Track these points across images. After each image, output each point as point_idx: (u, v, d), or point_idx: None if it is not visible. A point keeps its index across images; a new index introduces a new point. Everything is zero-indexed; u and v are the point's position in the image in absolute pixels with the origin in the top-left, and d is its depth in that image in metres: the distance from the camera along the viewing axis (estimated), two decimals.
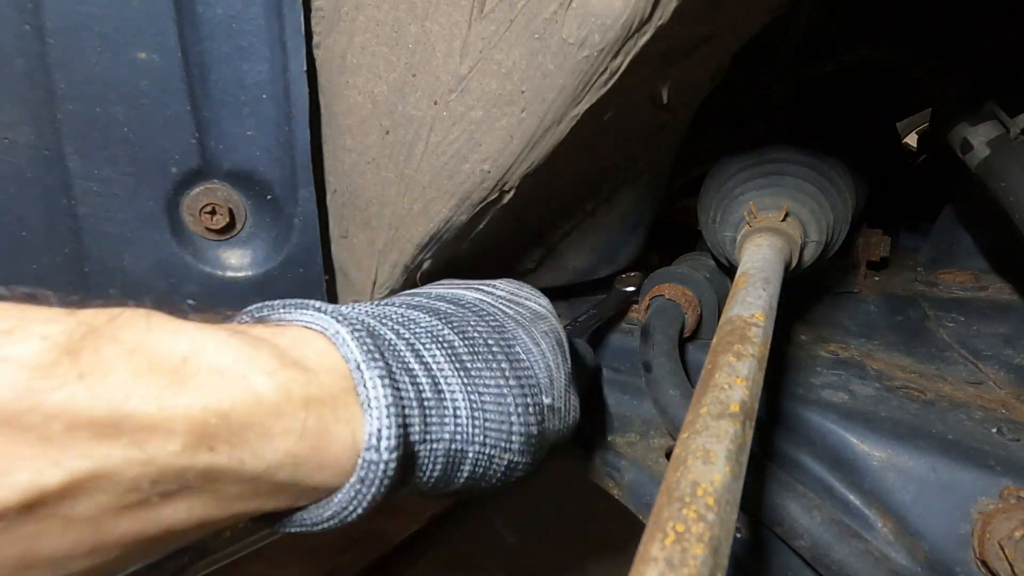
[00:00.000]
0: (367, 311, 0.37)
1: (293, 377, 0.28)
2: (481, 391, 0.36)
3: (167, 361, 0.25)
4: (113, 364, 0.23)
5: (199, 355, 0.26)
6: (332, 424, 0.29)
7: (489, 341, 0.39)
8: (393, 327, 0.36)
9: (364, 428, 0.29)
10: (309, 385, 0.28)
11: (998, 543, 0.42)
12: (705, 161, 0.69)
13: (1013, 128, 0.55)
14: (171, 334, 0.26)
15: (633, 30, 0.41)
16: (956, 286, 0.74)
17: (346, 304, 0.40)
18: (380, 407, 0.29)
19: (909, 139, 1.37)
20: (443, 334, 0.37)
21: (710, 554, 0.22)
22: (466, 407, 0.35)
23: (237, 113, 0.51)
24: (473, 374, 0.36)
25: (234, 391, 0.26)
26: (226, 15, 0.48)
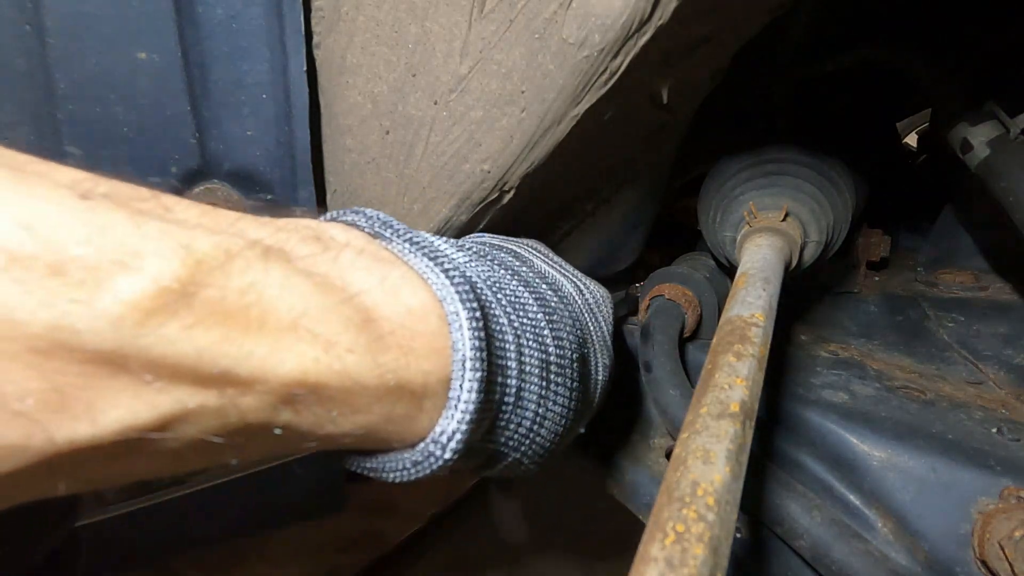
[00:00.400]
0: (479, 270, 0.34)
1: (394, 360, 0.27)
2: (549, 407, 0.35)
3: (277, 320, 0.24)
4: (223, 315, 0.22)
5: (308, 318, 0.24)
6: (416, 413, 0.29)
7: (573, 356, 0.37)
8: (506, 308, 0.33)
9: (440, 422, 0.29)
10: (407, 371, 0.27)
11: (998, 543, 0.42)
12: (705, 161, 0.69)
13: (1013, 128, 0.55)
14: (288, 288, 0.24)
15: (633, 30, 0.41)
16: (956, 286, 0.74)
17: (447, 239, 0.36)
18: (466, 412, 0.28)
19: (909, 139, 1.37)
20: (543, 335, 0.35)
21: (710, 554, 0.22)
22: (530, 419, 0.34)
23: (237, 113, 0.51)
24: (551, 388, 0.35)
25: (335, 366, 0.25)
26: (226, 15, 0.48)
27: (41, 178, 0.22)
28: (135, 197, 0.24)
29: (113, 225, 0.21)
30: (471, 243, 0.41)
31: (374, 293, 0.27)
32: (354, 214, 0.33)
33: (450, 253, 0.34)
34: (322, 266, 0.27)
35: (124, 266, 0.21)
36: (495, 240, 0.46)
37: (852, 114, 0.83)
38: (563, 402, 0.36)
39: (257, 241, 0.25)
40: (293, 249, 0.26)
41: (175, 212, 0.24)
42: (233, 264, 0.23)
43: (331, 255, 0.27)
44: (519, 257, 0.42)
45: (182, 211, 0.25)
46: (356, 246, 0.29)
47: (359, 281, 0.27)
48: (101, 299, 0.20)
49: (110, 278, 0.20)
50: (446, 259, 0.31)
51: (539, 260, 0.44)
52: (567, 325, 0.37)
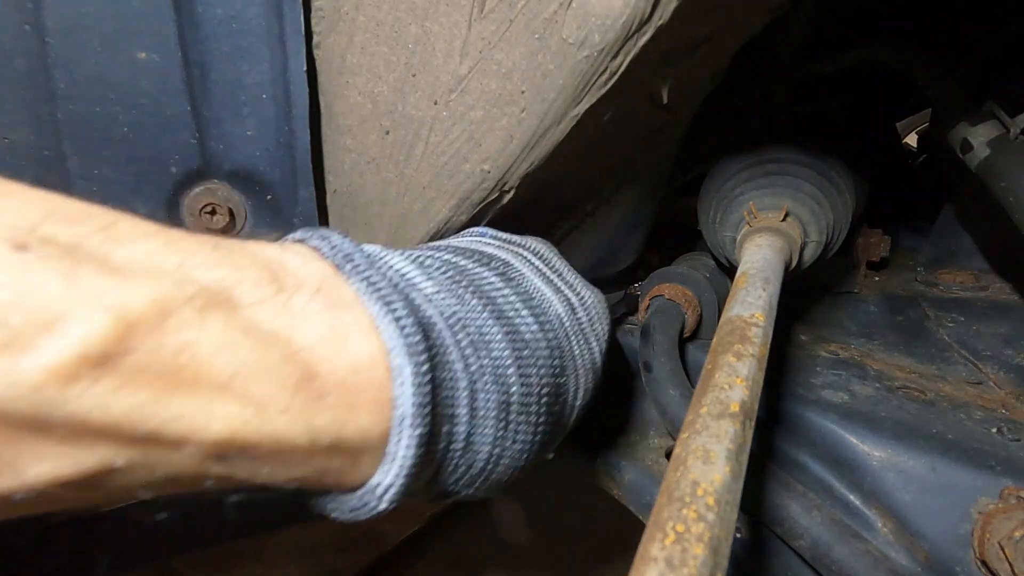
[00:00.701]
0: (445, 303, 0.32)
1: (331, 420, 0.26)
2: (507, 446, 0.34)
3: (208, 380, 0.23)
4: (151, 376, 0.22)
5: (241, 378, 0.24)
6: (352, 468, 0.28)
7: (542, 391, 0.35)
8: (465, 349, 0.31)
9: (377, 475, 0.29)
10: (345, 429, 0.27)
11: (998, 543, 0.42)
12: (705, 161, 0.69)
13: (1013, 128, 0.55)
14: (224, 346, 0.24)
15: (633, 30, 0.41)
16: (956, 286, 0.74)
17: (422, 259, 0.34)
18: (403, 467, 0.28)
19: (909, 139, 1.37)
20: (506, 375, 0.33)
21: (710, 554, 0.22)
22: (484, 460, 0.33)
23: (237, 113, 0.51)
24: (510, 428, 0.34)
25: (265, 428, 0.24)
26: (226, 15, 0.48)
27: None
28: (81, 235, 0.23)
29: (43, 284, 0.21)
30: (456, 246, 0.39)
31: (320, 346, 0.27)
32: (320, 239, 0.31)
33: (417, 280, 0.33)
34: (269, 313, 0.26)
35: (50, 329, 0.20)
36: (491, 245, 0.43)
37: (852, 114, 0.83)
38: (525, 439, 0.35)
39: (203, 289, 0.24)
40: (243, 294, 0.26)
41: (124, 250, 0.24)
42: (168, 322, 0.23)
43: (283, 299, 0.27)
44: (507, 273, 0.39)
45: (131, 248, 0.24)
46: (312, 284, 0.28)
47: (306, 333, 0.26)
48: (24, 364, 0.20)
49: (34, 342, 0.20)
50: (402, 302, 0.29)
51: (532, 273, 0.42)
52: (541, 358, 0.36)
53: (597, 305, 0.45)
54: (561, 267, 0.45)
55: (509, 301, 0.36)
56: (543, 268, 0.43)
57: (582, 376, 0.41)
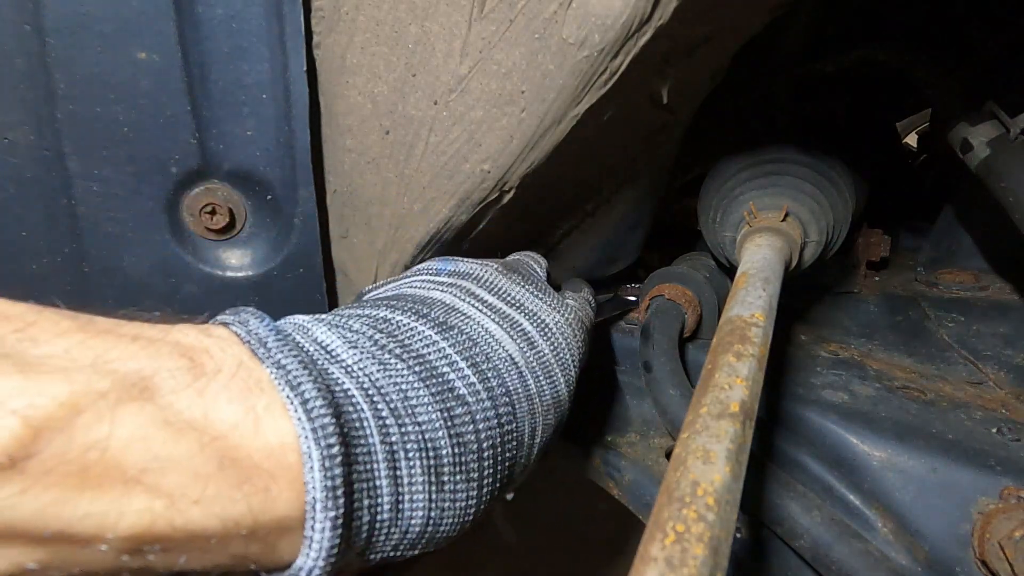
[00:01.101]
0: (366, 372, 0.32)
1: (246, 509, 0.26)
2: (447, 507, 0.33)
3: (119, 475, 0.23)
4: (59, 476, 0.22)
5: (152, 472, 0.24)
6: (272, 551, 0.28)
7: (483, 447, 0.35)
8: (386, 420, 0.31)
9: (298, 560, 0.29)
10: (261, 516, 0.27)
11: (998, 543, 0.42)
12: (705, 161, 0.69)
13: (1013, 128, 0.55)
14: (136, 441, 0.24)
15: (633, 30, 0.41)
16: (956, 286, 0.74)
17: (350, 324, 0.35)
18: (321, 550, 0.28)
19: (909, 139, 1.37)
20: (435, 439, 0.33)
21: (710, 554, 0.22)
22: (420, 524, 0.33)
23: (237, 113, 0.51)
24: (447, 490, 0.33)
25: (177, 521, 0.24)
26: (226, 15, 0.48)
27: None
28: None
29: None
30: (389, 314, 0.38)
31: (236, 432, 0.27)
32: (239, 324, 0.31)
33: (338, 350, 0.33)
34: (186, 402, 0.26)
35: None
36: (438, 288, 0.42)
37: (852, 114, 0.83)
38: (468, 495, 0.34)
39: (118, 382, 0.24)
40: (161, 383, 0.26)
41: (39, 347, 0.24)
42: (79, 420, 0.23)
43: (199, 386, 0.27)
44: (447, 321, 0.38)
45: (47, 347, 0.24)
46: (229, 368, 0.28)
47: (222, 420, 0.27)
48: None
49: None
50: (312, 383, 0.29)
51: (482, 313, 0.40)
52: (481, 411, 0.35)
53: (565, 330, 0.43)
54: (519, 295, 0.43)
55: (445, 356, 0.36)
56: (496, 303, 0.42)
57: (541, 415, 0.40)
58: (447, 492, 0.33)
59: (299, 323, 0.35)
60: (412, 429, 0.32)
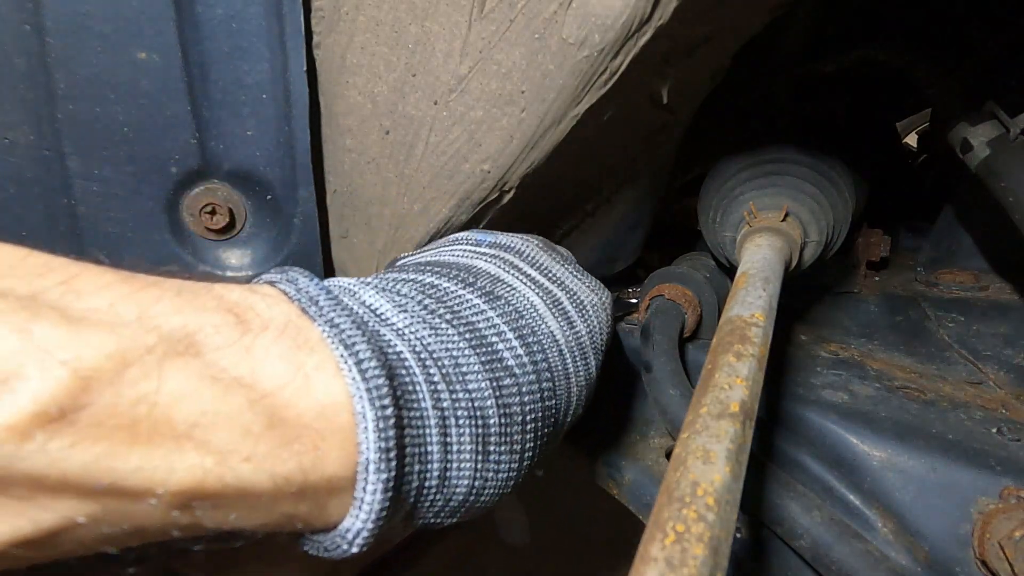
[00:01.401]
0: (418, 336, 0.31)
1: (296, 467, 0.26)
2: (489, 477, 0.33)
3: (169, 431, 0.23)
4: (109, 429, 0.22)
5: (202, 428, 0.24)
6: (321, 511, 0.28)
7: (527, 419, 0.34)
8: (437, 386, 0.31)
9: (346, 521, 0.28)
10: (310, 475, 0.26)
11: (998, 543, 0.42)
12: (705, 161, 0.69)
13: (1013, 128, 0.55)
14: (185, 396, 0.23)
15: (633, 30, 0.41)
16: (956, 286, 0.74)
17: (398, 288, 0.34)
18: (371, 512, 0.28)
19: (909, 139, 1.37)
20: (484, 407, 0.32)
21: (710, 554, 0.22)
22: (463, 494, 0.32)
23: (237, 113, 0.51)
24: (491, 459, 0.33)
25: (227, 477, 0.24)
26: (226, 15, 0.48)
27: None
28: (40, 288, 0.23)
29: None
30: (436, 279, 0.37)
31: (285, 390, 0.26)
32: (287, 283, 0.31)
33: (389, 314, 0.32)
34: (233, 359, 0.26)
35: (4, 386, 0.20)
36: (482, 257, 0.41)
37: (852, 114, 0.83)
38: (509, 467, 0.34)
39: (164, 338, 0.24)
40: (206, 339, 0.25)
41: (83, 301, 0.24)
42: (127, 373, 0.22)
43: (246, 342, 0.26)
44: (494, 291, 0.37)
45: (91, 300, 0.24)
46: (277, 326, 0.28)
47: (271, 377, 0.26)
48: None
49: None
50: (366, 344, 0.28)
51: (526, 286, 0.40)
52: (527, 384, 0.35)
53: (599, 312, 0.43)
54: (560, 272, 0.43)
55: (493, 325, 0.35)
56: (539, 277, 0.41)
57: (575, 393, 0.39)
58: (491, 462, 0.33)
59: (345, 286, 0.34)
60: (463, 396, 0.32)
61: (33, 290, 0.23)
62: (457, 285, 0.37)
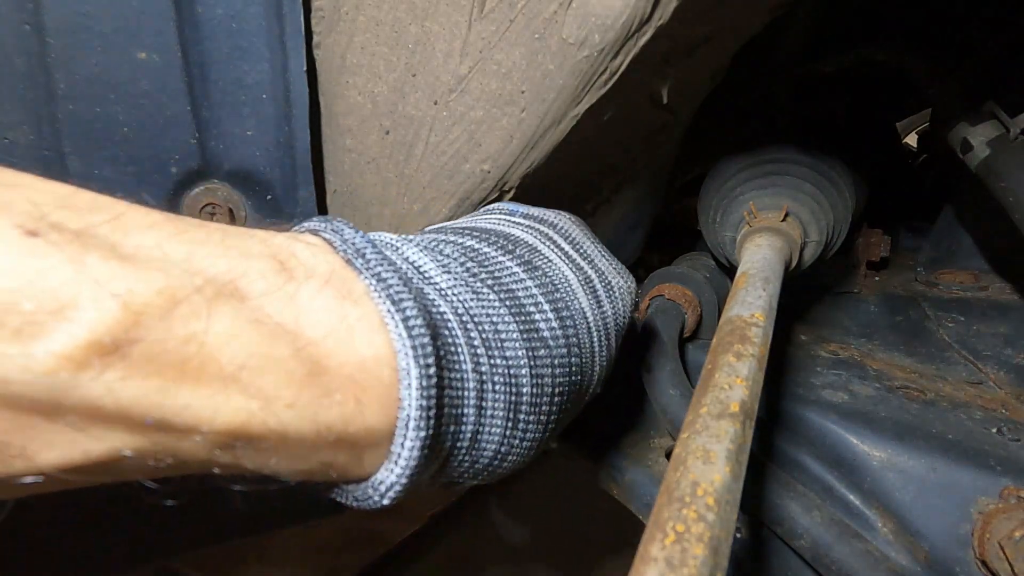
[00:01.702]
0: (460, 299, 0.32)
1: (337, 416, 0.26)
2: (515, 444, 0.33)
3: (216, 371, 0.23)
4: (159, 366, 0.22)
5: (248, 370, 0.24)
6: (358, 462, 0.28)
7: (555, 391, 0.35)
8: (477, 349, 0.31)
9: (380, 473, 0.29)
10: (351, 425, 0.27)
11: (998, 543, 0.42)
12: (705, 161, 0.69)
13: (1013, 128, 0.55)
14: (232, 338, 0.24)
15: (633, 30, 0.41)
16: (956, 286, 0.74)
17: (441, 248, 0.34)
18: (406, 468, 0.28)
19: (909, 139, 1.37)
20: (519, 375, 0.32)
21: (710, 554, 0.22)
22: (489, 456, 0.33)
23: (237, 113, 0.51)
24: (519, 427, 0.33)
25: (270, 421, 0.25)
26: (226, 15, 0.48)
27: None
28: (90, 223, 0.23)
29: (53, 269, 0.21)
30: (476, 243, 0.37)
31: (328, 340, 0.26)
32: (332, 232, 0.30)
33: (433, 273, 0.32)
34: (277, 305, 0.26)
35: (59, 315, 0.21)
36: (519, 227, 0.41)
37: (852, 114, 0.83)
38: (534, 436, 0.34)
39: (211, 280, 0.24)
40: (250, 285, 0.25)
41: (131, 237, 0.24)
42: (176, 311, 0.23)
43: (290, 290, 0.26)
44: (532, 261, 0.38)
45: (140, 237, 0.24)
46: (322, 275, 0.28)
47: (314, 326, 0.26)
48: (34, 350, 0.20)
49: (44, 328, 0.20)
50: (412, 300, 0.28)
51: (561, 260, 0.40)
52: (559, 357, 0.35)
53: (625, 295, 0.43)
54: (591, 251, 0.43)
55: (531, 295, 0.35)
56: (572, 253, 0.41)
57: (597, 372, 0.40)
58: (519, 430, 0.33)
59: (389, 241, 0.33)
60: (500, 362, 0.32)
61: (84, 225, 0.23)
62: (497, 251, 0.37)
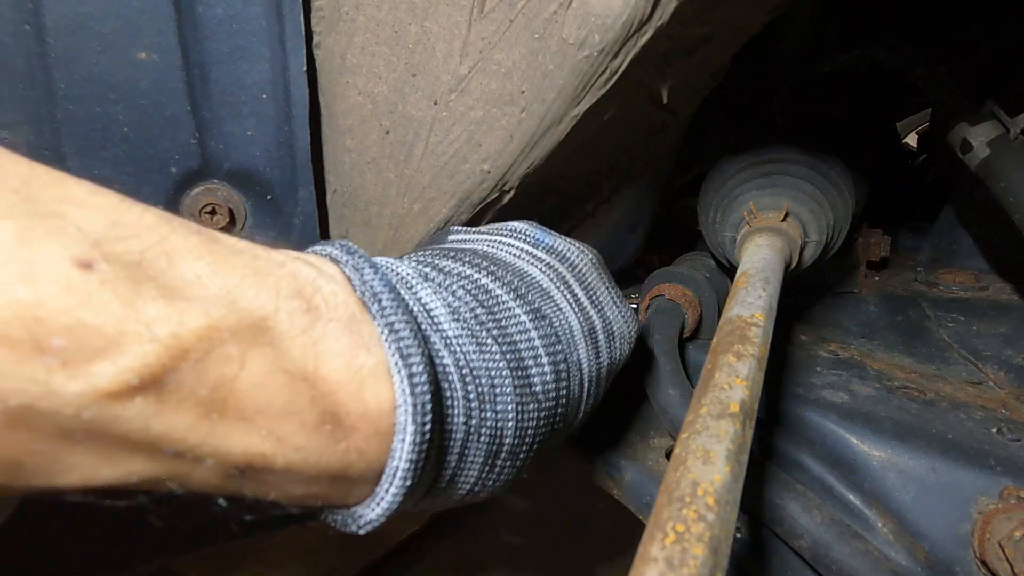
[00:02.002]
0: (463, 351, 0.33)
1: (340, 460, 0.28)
2: (488, 483, 0.35)
3: (238, 411, 0.25)
4: (189, 403, 0.24)
5: (267, 416, 0.26)
6: (348, 493, 0.30)
7: (535, 441, 0.36)
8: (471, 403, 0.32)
9: (360, 508, 0.31)
10: (350, 468, 0.29)
11: (998, 543, 0.42)
12: (705, 161, 0.69)
13: (1013, 128, 0.55)
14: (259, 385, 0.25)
15: (633, 30, 0.41)
16: (956, 286, 0.74)
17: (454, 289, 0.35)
18: (387, 509, 0.30)
19: (909, 139, 1.37)
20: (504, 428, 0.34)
21: (710, 554, 0.22)
22: (464, 493, 0.35)
23: (237, 113, 0.51)
24: (495, 471, 0.35)
25: (279, 460, 0.26)
26: (226, 15, 0.48)
27: (50, 236, 0.22)
28: (139, 251, 0.24)
29: (104, 306, 0.22)
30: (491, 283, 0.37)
31: (342, 390, 0.28)
32: (353, 270, 0.31)
33: (443, 321, 0.33)
34: (301, 350, 0.27)
35: (105, 354, 0.22)
36: (537, 264, 0.41)
37: (852, 114, 0.83)
38: (508, 475, 0.36)
39: (245, 319, 0.25)
40: (279, 325, 0.27)
41: (176, 267, 0.25)
42: (213, 354, 0.24)
43: (314, 335, 0.28)
44: (541, 309, 0.38)
45: (184, 269, 0.25)
46: (340, 320, 0.29)
47: (331, 373, 0.28)
48: (77, 383, 0.21)
49: (89, 364, 0.21)
50: (420, 356, 0.29)
51: (569, 306, 0.40)
52: (545, 411, 0.36)
53: (624, 344, 0.44)
54: (603, 297, 0.43)
55: (532, 347, 0.36)
56: (584, 300, 0.42)
57: (581, 416, 0.41)
58: (495, 473, 0.35)
59: (404, 277, 0.34)
60: (490, 416, 0.33)
61: (134, 255, 0.24)
62: (509, 295, 0.37)
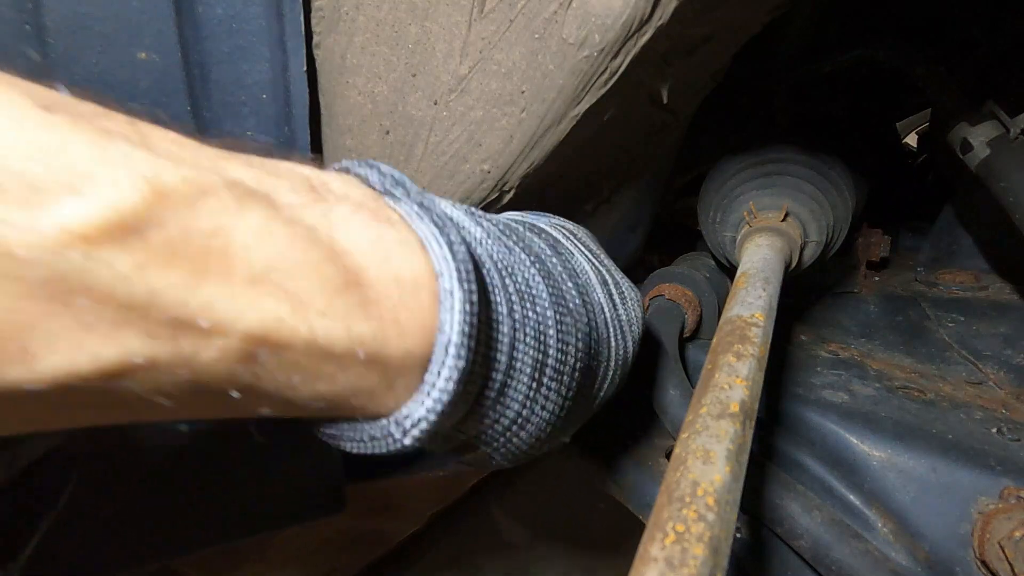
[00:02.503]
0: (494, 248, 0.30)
1: (371, 332, 0.24)
2: (535, 410, 0.32)
3: (245, 269, 0.21)
4: (182, 257, 0.20)
5: (280, 272, 0.22)
6: (385, 390, 0.26)
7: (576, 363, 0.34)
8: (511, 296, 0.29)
9: (408, 406, 0.26)
10: (384, 345, 0.24)
11: (998, 543, 0.42)
12: (705, 161, 0.69)
13: (1013, 128, 0.55)
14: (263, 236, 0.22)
15: (633, 30, 0.41)
16: (956, 286, 0.74)
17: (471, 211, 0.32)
18: (438, 401, 0.26)
19: (909, 139, 1.37)
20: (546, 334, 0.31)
21: (710, 554, 0.22)
22: (510, 419, 0.31)
23: (237, 113, 0.51)
24: (541, 392, 0.32)
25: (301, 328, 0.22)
26: (226, 15, 0.48)
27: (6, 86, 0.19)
28: (106, 116, 0.21)
29: (69, 142, 0.19)
30: (507, 218, 0.37)
31: (364, 254, 0.24)
32: (367, 167, 0.29)
33: (466, 223, 0.31)
34: (309, 218, 0.24)
35: (73, 189, 0.18)
36: (542, 221, 0.41)
37: (852, 114, 0.83)
38: (552, 408, 0.33)
39: (238, 182, 0.22)
40: (280, 196, 0.23)
41: (151, 140, 0.22)
42: (204, 202, 0.21)
43: (323, 207, 0.25)
44: (557, 247, 0.37)
45: (160, 140, 0.22)
46: (354, 200, 0.26)
47: (349, 239, 0.24)
48: (41, 221, 0.18)
49: (55, 200, 0.18)
50: (455, 230, 0.27)
51: (582, 256, 0.39)
52: (580, 330, 0.34)
53: (636, 306, 0.43)
54: (607, 263, 0.43)
55: (557, 269, 0.34)
56: (591, 257, 0.41)
57: (613, 366, 0.39)
58: (541, 394, 0.31)
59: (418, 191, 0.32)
60: (531, 315, 0.30)
61: (98, 115, 0.21)
62: (526, 230, 0.36)
